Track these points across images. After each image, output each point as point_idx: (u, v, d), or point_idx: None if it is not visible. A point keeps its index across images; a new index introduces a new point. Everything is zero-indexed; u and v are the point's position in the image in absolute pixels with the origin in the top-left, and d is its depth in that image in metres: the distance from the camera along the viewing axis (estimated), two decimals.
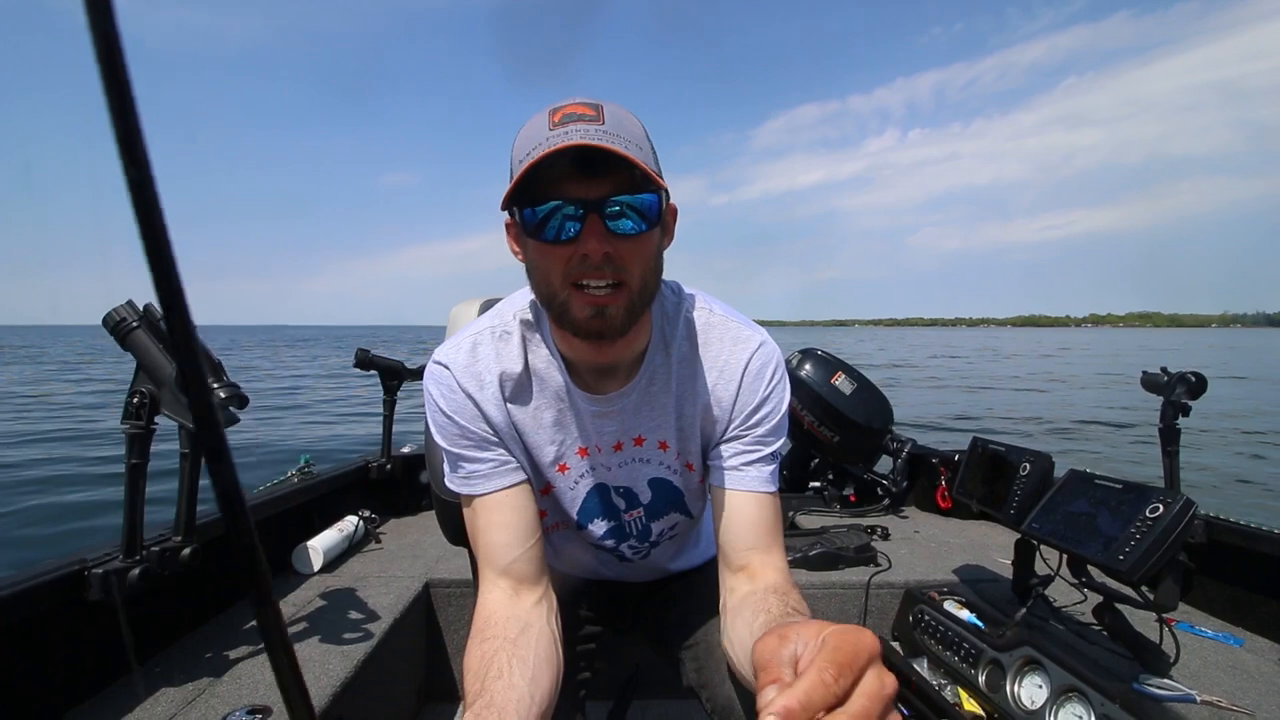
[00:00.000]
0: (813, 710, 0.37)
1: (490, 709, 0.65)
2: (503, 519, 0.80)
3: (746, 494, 0.82)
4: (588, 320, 0.70)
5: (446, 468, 0.84)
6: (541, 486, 0.88)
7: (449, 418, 0.80)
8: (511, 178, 0.68)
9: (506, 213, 0.72)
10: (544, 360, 0.82)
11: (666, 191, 0.70)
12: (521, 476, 0.82)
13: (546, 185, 0.65)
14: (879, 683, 0.40)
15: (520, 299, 0.85)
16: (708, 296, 0.87)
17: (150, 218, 0.24)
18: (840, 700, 0.39)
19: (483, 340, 0.82)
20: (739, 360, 0.82)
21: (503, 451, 0.82)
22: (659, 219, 0.69)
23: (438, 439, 0.82)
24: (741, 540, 0.82)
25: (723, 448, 0.84)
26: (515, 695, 0.67)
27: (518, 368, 0.81)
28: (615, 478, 0.88)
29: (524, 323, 0.82)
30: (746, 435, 0.83)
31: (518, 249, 0.75)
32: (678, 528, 0.95)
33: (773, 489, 0.83)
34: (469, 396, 0.80)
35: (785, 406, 0.84)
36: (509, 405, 0.82)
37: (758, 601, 0.73)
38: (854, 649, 0.41)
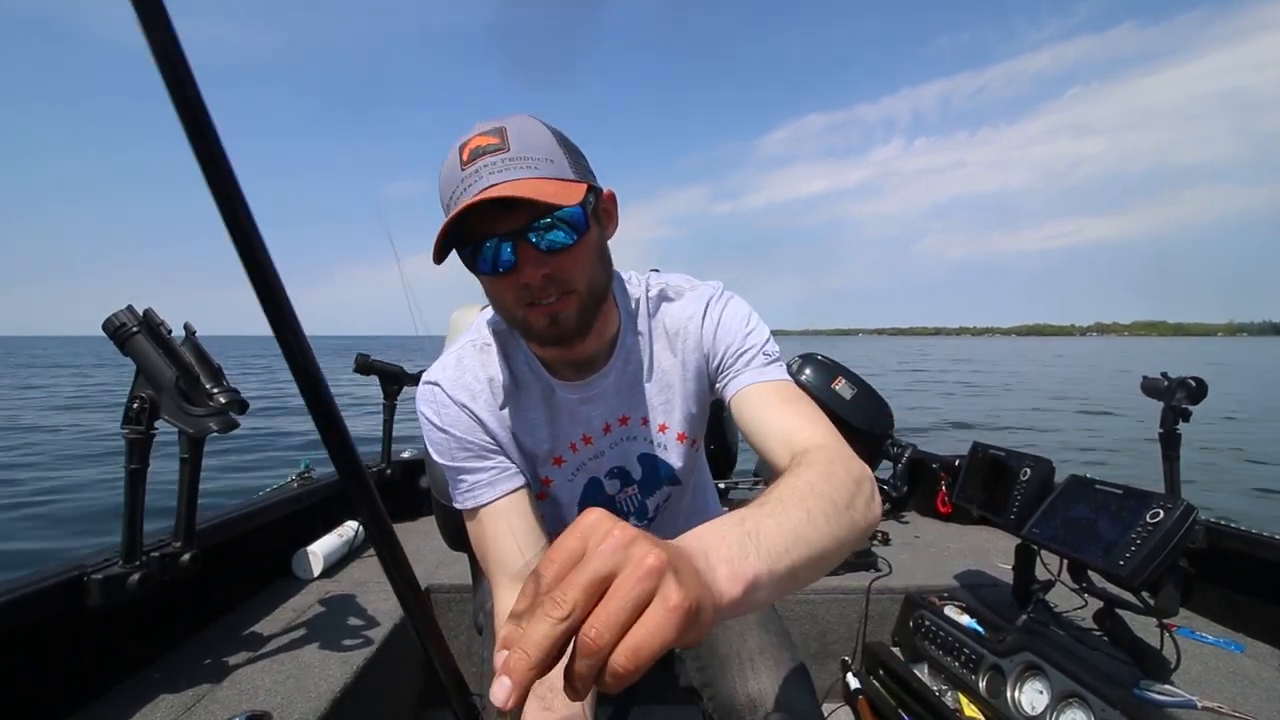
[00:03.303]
0: (535, 626, 0.32)
1: (554, 692, 0.68)
2: (510, 525, 0.81)
3: (762, 385, 0.81)
4: (545, 329, 0.73)
5: (450, 487, 0.85)
6: (539, 490, 0.90)
7: (446, 432, 0.82)
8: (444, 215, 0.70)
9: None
10: (524, 363, 0.85)
11: (593, 188, 0.72)
12: (523, 481, 0.84)
13: (473, 222, 0.66)
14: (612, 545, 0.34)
15: (493, 311, 0.88)
16: (659, 273, 0.91)
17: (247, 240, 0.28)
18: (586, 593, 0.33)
19: (465, 354, 0.85)
20: (697, 311, 0.86)
21: (502, 459, 0.84)
22: (587, 223, 0.71)
23: (437, 457, 0.84)
24: (778, 421, 0.77)
25: (722, 375, 0.86)
26: None
27: (503, 374, 0.85)
28: (608, 461, 0.91)
29: (499, 333, 0.86)
30: (737, 360, 0.85)
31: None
32: (671, 499, 0.98)
33: (782, 378, 0.83)
34: (463, 407, 0.82)
35: (745, 313, 0.87)
36: (501, 411, 0.84)
37: (819, 465, 0.63)
38: (566, 540, 0.35)
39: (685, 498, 1.01)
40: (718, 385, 0.87)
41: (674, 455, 0.91)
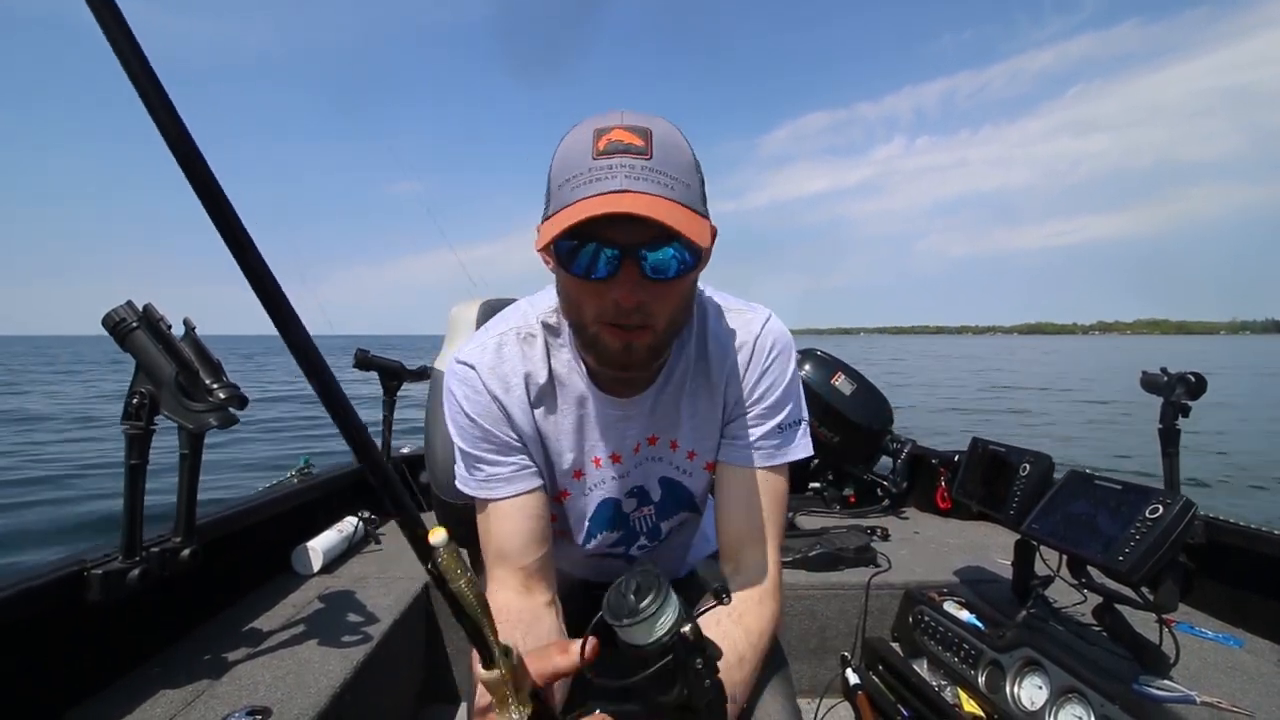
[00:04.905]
0: None
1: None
2: (517, 525, 0.79)
3: (747, 470, 0.83)
4: (616, 354, 0.69)
5: (461, 469, 0.82)
6: (556, 494, 0.87)
7: (473, 420, 0.79)
8: (548, 195, 0.67)
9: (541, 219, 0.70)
10: (565, 365, 0.81)
11: (712, 226, 0.67)
12: (539, 482, 0.81)
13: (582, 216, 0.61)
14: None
15: (541, 301, 0.83)
16: (711, 289, 0.86)
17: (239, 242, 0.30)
18: None
19: (507, 341, 0.80)
20: (745, 343, 0.83)
21: (523, 456, 0.81)
22: (698, 260, 0.66)
23: (457, 440, 0.81)
24: (738, 522, 0.82)
25: (728, 426, 0.84)
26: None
27: (541, 371, 0.80)
28: (630, 481, 0.87)
29: (546, 326, 0.81)
30: (750, 411, 0.83)
31: (549, 259, 0.73)
32: (686, 524, 0.96)
33: (775, 463, 0.83)
34: (495, 399, 0.79)
35: (789, 379, 0.83)
36: (533, 410, 0.81)
37: (725, 629, 0.75)
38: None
39: (698, 525, 1.00)
40: (729, 425, 0.85)
41: (698, 483, 0.89)
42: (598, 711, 0.47)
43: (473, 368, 0.79)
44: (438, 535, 0.38)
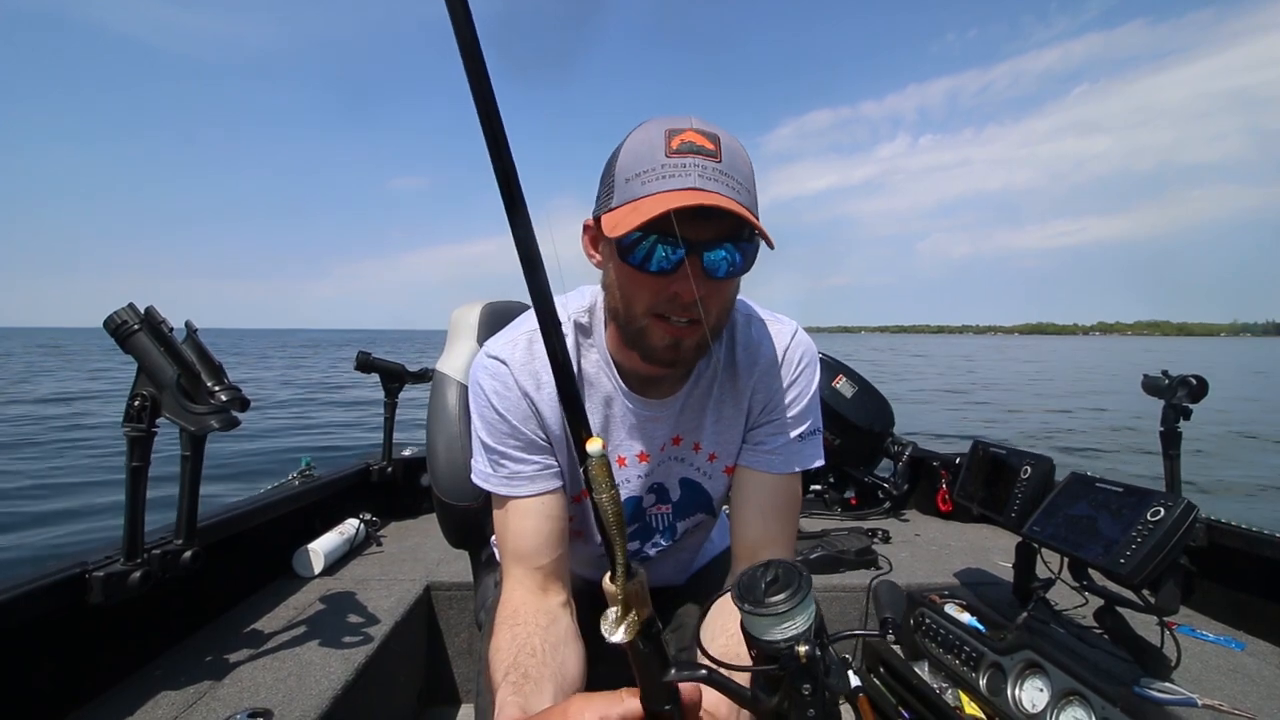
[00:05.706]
0: None
1: (527, 680, 0.66)
2: (537, 525, 0.79)
3: (768, 476, 0.84)
4: (663, 350, 0.71)
5: (483, 463, 0.82)
6: (576, 494, 0.87)
7: (501, 416, 0.79)
8: (610, 188, 0.68)
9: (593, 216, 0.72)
10: (595, 364, 0.82)
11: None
12: (560, 483, 0.82)
13: (654, 210, 0.62)
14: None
15: (574, 301, 0.84)
16: (741, 298, 0.87)
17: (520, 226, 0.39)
18: None
19: (539, 337, 0.80)
20: (774, 353, 0.84)
21: (548, 456, 0.81)
22: (748, 263, 0.69)
23: (482, 434, 0.81)
24: (754, 526, 0.84)
25: (751, 433, 0.86)
26: (549, 672, 0.68)
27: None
28: (652, 479, 0.88)
29: (579, 325, 0.82)
30: (775, 420, 0.84)
31: (595, 254, 0.75)
32: (700, 526, 0.97)
33: (793, 470, 0.85)
34: (525, 395, 0.79)
35: (813, 391, 0.86)
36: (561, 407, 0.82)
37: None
38: None
39: (712, 526, 1.01)
40: (753, 431, 0.86)
41: (717, 485, 0.90)
42: (704, 672, 0.46)
43: (505, 363, 0.79)
44: (594, 445, 0.39)
